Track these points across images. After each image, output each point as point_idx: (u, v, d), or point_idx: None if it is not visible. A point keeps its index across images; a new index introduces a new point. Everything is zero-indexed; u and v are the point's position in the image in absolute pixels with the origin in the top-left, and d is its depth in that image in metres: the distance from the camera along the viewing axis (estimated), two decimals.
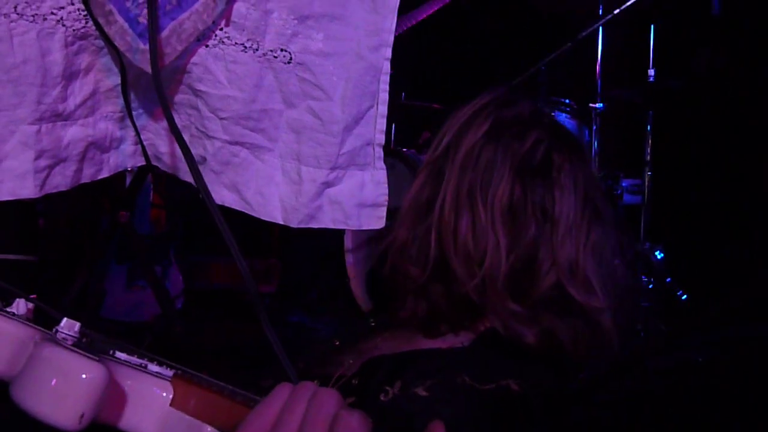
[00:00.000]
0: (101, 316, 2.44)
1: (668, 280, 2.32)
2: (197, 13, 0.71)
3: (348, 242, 3.17)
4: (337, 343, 1.00)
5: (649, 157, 2.43)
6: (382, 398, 0.74)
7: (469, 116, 0.85)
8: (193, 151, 0.80)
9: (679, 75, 2.57)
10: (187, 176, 0.83)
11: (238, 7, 0.74)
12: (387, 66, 0.82)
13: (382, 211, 0.88)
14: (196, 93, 0.78)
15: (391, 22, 0.81)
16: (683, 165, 2.63)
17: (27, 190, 0.73)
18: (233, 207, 0.83)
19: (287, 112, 0.81)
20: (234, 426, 0.55)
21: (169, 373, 0.60)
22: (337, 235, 3.10)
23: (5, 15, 0.68)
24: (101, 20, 0.71)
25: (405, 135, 3.38)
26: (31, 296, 0.61)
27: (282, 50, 0.78)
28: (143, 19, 0.70)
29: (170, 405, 0.60)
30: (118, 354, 0.59)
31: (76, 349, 0.56)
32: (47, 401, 0.53)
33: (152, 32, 0.68)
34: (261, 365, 1.08)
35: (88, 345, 0.58)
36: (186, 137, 0.80)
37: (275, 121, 0.81)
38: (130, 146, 0.86)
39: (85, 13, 0.70)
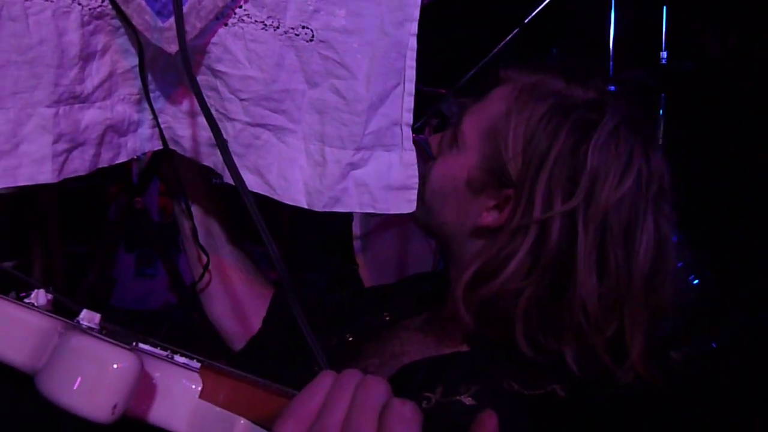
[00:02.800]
0: (112, 306, 2.43)
1: (680, 264, 2.31)
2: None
3: (356, 228, 3.17)
4: (351, 338, 0.98)
5: (661, 140, 2.41)
6: (424, 405, 0.71)
7: (607, 157, 0.78)
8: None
9: (692, 57, 2.54)
10: (208, 160, 0.83)
11: None
12: (413, 42, 0.79)
13: (413, 194, 0.84)
14: (216, 74, 0.76)
15: None
16: (697, 147, 2.61)
17: (45, 174, 0.70)
18: (255, 191, 0.80)
19: (310, 92, 0.79)
20: (268, 417, 0.54)
21: (196, 364, 0.59)
22: (345, 220, 3.09)
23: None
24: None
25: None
26: (49, 287, 0.59)
27: (303, 27, 0.76)
28: None
29: (200, 397, 0.58)
30: (141, 346, 0.58)
31: (106, 338, 0.54)
32: (78, 393, 0.51)
33: (178, 8, 0.66)
34: (277, 356, 1.06)
35: (110, 336, 0.56)
36: (203, 119, 0.76)
37: (297, 102, 0.79)
38: (148, 130, 0.83)
39: None
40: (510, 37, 2.16)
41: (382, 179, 0.82)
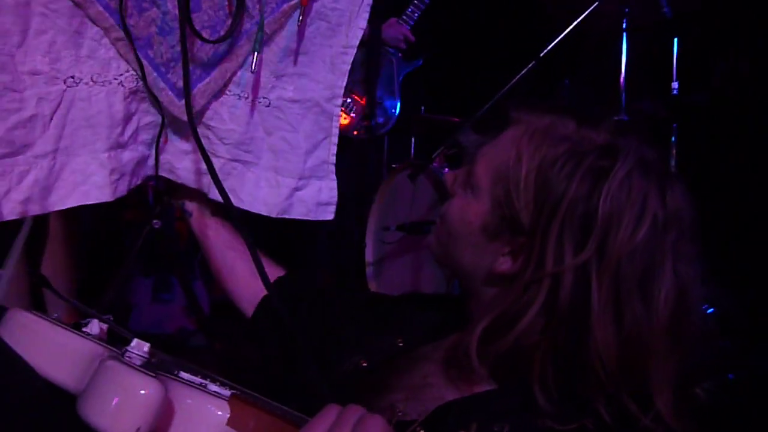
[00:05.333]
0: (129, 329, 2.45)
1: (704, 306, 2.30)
2: (214, 80, 1.09)
3: (369, 256, 3.19)
4: (365, 364, 0.98)
5: (674, 170, 2.43)
6: None
7: (619, 205, 0.75)
8: (203, 166, 1.10)
9: (703, 87, 2.56)
10: (195, 184, 1.16)
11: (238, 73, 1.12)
12: (338, 111, 1.19)
13: (333, 207, 1.23)
14: (208, 127, 1.14)
15: (343, 81, 1.17)
16: (709, 177, 2.62)
17: (105, 196, 1.04)
18: (234, 205, 1.14)
19: (268, 139, 1.17)
20: None
21: (227, 393, 0.62)
22: (357, 248, 3.11)
23: (86, 83, 1.01)
24: (150, 79, 1.04)
25: (424, 148, 3.40)
26: (106, 316, 0.64)
27: (264, 98, 1.15)
28: (179, 84, 1.05)
29: (227, 424, 0.61)
30: (182, 374, 0.61)
31: (136, 366, 0.58)
32: (108, 415, 0.56)
33: (188, 99, 1.04)
34: (287, 383, 1.09)
35: (157, 365, 0.60)
36: (196, 157, 1.14)
37: (259, 145, 1.16)
38: (151, 161, 1.15)
39: (137, 76, 1.04)
40: (525, 70, 2.20)
41: (314, 198, 1.21)
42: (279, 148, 1.16)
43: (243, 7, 1.03)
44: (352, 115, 3.06)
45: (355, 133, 3.11)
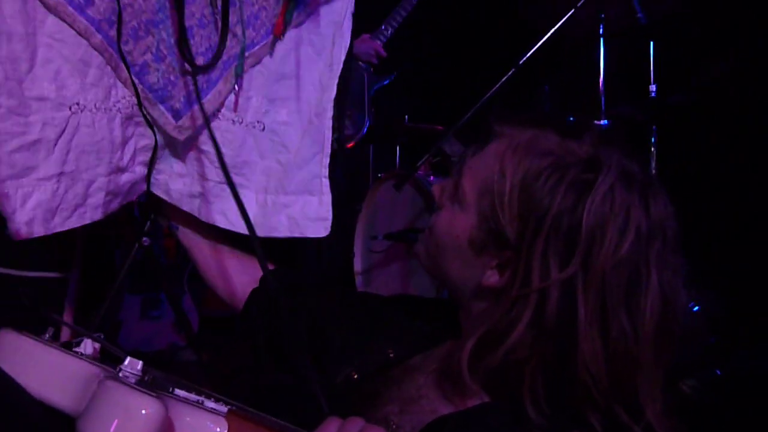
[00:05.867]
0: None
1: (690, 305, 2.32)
2: (208, 102, 1.13)
3: (357, 265, 3.20)
4: (356, 376, 0.97)
5: (654, 172, 2.46)
6: None
7: (603, 218, 0.76)
8: (194, 189, 1.18)
9: (681, 89, 2.60)
10: (187, 206, 1.19)
11: (230, 97, 1.16)
12: (329, 124, 1.20)
13: (328, 222, 1.20)
14: (200, 150, 1.17)
15: (331, 95, 1.19)
16: (688, 179, 2.65)
17: (97, 215, 1.08)
18: (222, 226, 1.18)
19: (261, 162, 1.20)
20: None
21: (224, 409, 0.63)
22: (346, 257, 3.12)
23: (90, 110, 1.04)
24: (146, 105, 1.10)
25: (409, 157, 3.41)
26: (97, 335, 0.64)
27: (258, 122, 1.19)
28: (176, 105, 1.11)
29: None
30: (177, 391, 0.62)
31: (136, 386, 0.58)
32: None
33: (209, 127, 1.12)
34: (281, 396, 1.09)
35: (150, 382, 0.60)
36: (191, 179, 1.18)
37: (252, 169, 1.19)
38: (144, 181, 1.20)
39: (132, 102, 1.08)
40: (505, 77, 2.22)
41: (306, 213, 1.20)
42: (273, 170, 1.19)
43: (227, 33, 1.07)
44: None
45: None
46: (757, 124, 2.63)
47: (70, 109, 1.01)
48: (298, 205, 1.20)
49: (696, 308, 2.27)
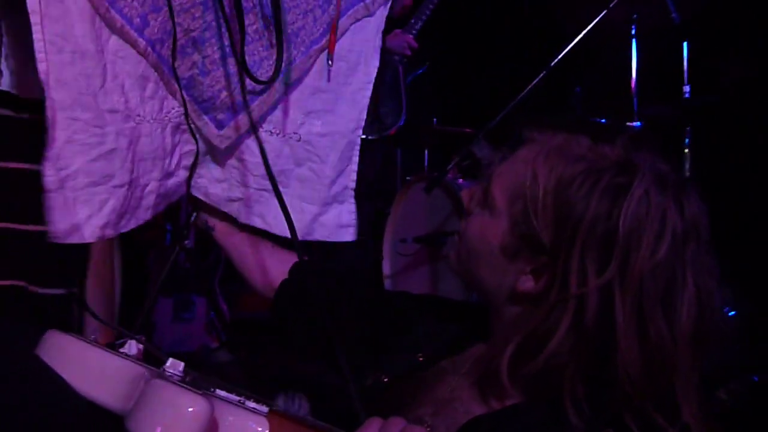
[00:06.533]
0: None
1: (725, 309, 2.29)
2: (251, 113, 1.18)
3: (386, 268, 3.20)
4: (386, 379, 0.98)
5: (688, 173, 2.43)
6: None
7: (639, 223, 0.76)
8: (233, 194, 1.26)
9: (715, 90, 2.56)
10: (227, 208, 1.28)
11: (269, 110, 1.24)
12: (359, 140, 1.30)
13: (353, 229, 1.32)
14: (240, 160, 1.25)
15: (363, 114, 1.28)
16: (723, 182, 2.61)
17: (147, 216, 1.16)
18: (260, 227, 1.26)
19: (297, 170, 1.27)
20: None
21: (265, 409, 0.64)
22: (374, 260, 3.12)
23: (148, 121, 1.13)
24: (193, 115, 1.19)
25: (437, 160, 3.42)
26: (139, 336, 0.66)
27: (295, 133, 1.26)
28: (219, 116, 1.20)
29: None
30: (218, 391, 0.63)
31: (182, 384, 0.60)
32: (159, 431, 0.57)
33: (257, 135, 1.16)
34: (310, 400, 1.10)
35: (192, 383, 0.61)
36: (229, 185, 1.26)
37: (288, 176, 1.27)
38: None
39: (181, 112, 1.18)
40: (537, 79, 2.21)
41: (336, 221, 1.31)
42: (307, 177, 1.28)
43: (282, 51, 1.16)
44: None
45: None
46: None
47: (134, 120, 1.11)
48: (330, 213, 1.30)
49: (732, 313, 2.23)
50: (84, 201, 1.04)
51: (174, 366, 0.63)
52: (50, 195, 1.00)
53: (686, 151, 2.46)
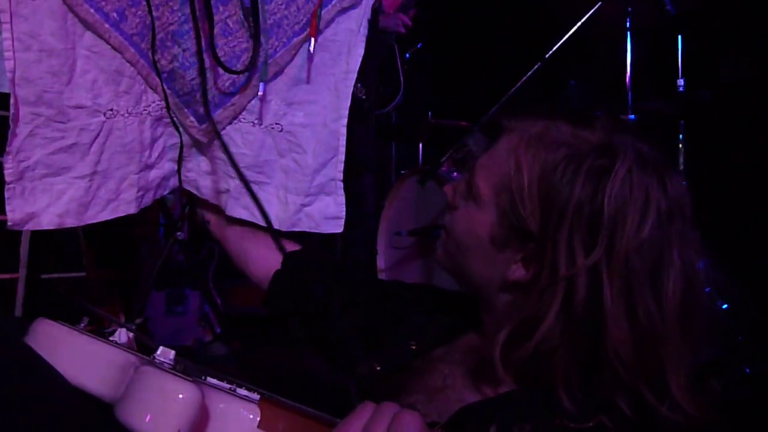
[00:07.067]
0: None
1: (707, 290, 2.30)
2: (232, 107, 1.22)
3: (381, 262, 3.20)
4: (379, 368, 0.97)
5: (682, 167, 2.43)
6: None
7: (624, 202, 0.76)
8: (221, 185, 1.26)
9: (710, 84, 2.56)
10: (215, 200, 1.29)
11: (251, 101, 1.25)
12: (344, 130, 1.27)
13: (341, 221, 1.30)
14: (225, 152, 1.24)
15: (347, 103, 1.26)
16: (717, 174, 2.62)
17: (132, 209, 1.19)
18: (246, 219, 1.26)
19: (280, 161, 1.27)
20: None
21: (256, 396, 0.63)
22: (369, 254, 3.12)
23: (122, 115, 1.14)
24: (174, 108, 1.18)
25: (432, 153, 3.41)
26: (130, 325, 0.65)
27: (276, 124, 1.26)
28: (200, 110, 1.18)
29: (258, 426, 0.62)
30: (209, 379, 0.63)
31: (173, 371, 0.59)
32: (149, 419, 0.57)
33: (218, 134, 1.19)
34: (305, 391, 1.10)
35: (183, 371, 0.61)
36: (217, 177, 1.26)
37: (272, 167, 1.27)
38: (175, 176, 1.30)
39: (162, 105, 1.18)
40: (531, 72, 2.21)
41: (322, 212, 1.29)
42: (290, 168, 1.27)
43: (259, 41, 1.16)
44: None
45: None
46: None
47: (104, 115, 1.12)
48: (315, 204, 1.29)
49: (725, 306, 2.24)
50: (42, 190, 1.07)
51: (164, 354, 0.63)
52: (9, 186, 1.03)
53: (680, 145, 2.47)
